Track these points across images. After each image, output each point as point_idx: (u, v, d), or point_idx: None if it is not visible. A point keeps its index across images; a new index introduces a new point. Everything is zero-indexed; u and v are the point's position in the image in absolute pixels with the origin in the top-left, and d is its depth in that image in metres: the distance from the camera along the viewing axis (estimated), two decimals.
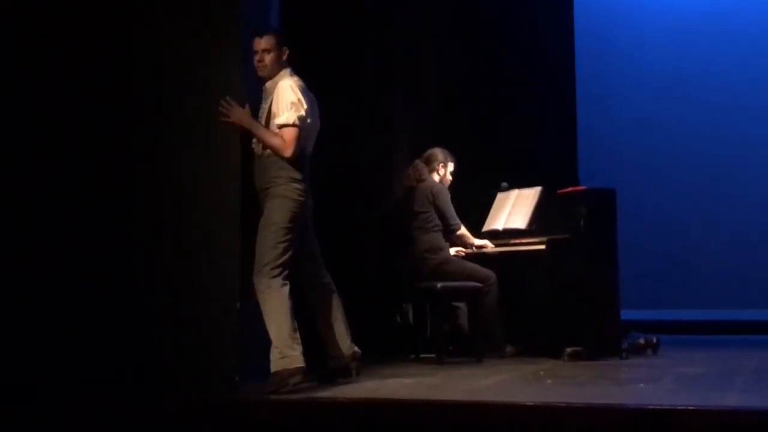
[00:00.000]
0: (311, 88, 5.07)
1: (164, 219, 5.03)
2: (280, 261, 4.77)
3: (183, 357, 4.90)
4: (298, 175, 4.85)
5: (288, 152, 4.82)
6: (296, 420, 4.26)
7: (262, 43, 4.96)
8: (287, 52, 4.99)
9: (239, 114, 4.87)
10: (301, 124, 4.84)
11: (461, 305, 6.59)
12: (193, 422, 4.35)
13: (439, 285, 6.15)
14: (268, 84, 4.98)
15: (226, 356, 4.89)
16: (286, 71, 4.98)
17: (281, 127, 4.84)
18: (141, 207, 5.07)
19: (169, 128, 5.08)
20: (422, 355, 6.35)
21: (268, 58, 4.96)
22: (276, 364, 4.69)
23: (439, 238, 6.50)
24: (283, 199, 4.82)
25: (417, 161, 6.71)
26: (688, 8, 9.58)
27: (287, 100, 4.84)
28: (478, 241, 6.63)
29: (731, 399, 4.31)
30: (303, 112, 4.84)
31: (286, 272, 4.80)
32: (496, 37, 8.29)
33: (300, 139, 4.86)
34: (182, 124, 5.07)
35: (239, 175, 4.93)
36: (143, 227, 5.06)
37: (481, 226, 6.86)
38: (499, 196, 7.00)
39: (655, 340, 6.58)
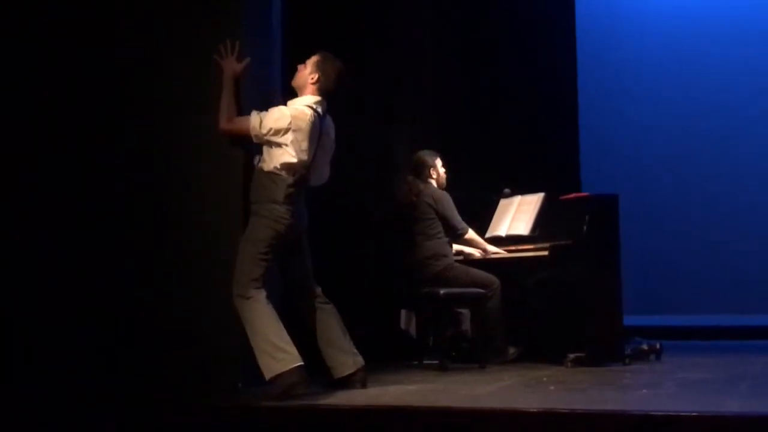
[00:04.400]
0: None
1: (167, 224, 5.05)
2: (259, 274, 4.76)
3: (185, 362, 4.92)
4: (279, 197, 4.80)
5: (221, 125, 4.86)
6: (298, 427, 4.26)
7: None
8: (316, 77, 4.97)
9: (230, 64, 4.91)
10: (252, 130, 4.81)
11: (464, 311, 6.58)
12: (195, 427, 4.34)
13: (441, 291, 6.14)
14: (289, 102, 4.99)
15: (229, 362, 4.90)
16: (307, 98, 4.95)
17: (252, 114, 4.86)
18: (144, 212, 5.09)
19: (172, 133, 5.10)
20: (425, 362, 6.35)
21: (300, 72, 5.03)
22: (270, 370, 4.63)
23: (442, 245, 6.49)
24: (261, 218, 4.81)
25: (409, 177, 6.67)
26: (691, 13, 9.58)
27: (273, 112, 4.85)
28: (490, 247, 6.61)
29: (734, 404, 4.30)
30: (259, 127, 4.80)
31: (265, 285, 4.78)
32: (497, 43, 8.31)
33: (236, 135, 4.87)
34: (186, 129, 5.09)
35: (242, 182, 4.95)
36: (146, 233, 5.07)
37: (484, 233, 6.86)
38: (502, 202, 7.00)
39: (658, 346, 6.58)
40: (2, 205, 5.11)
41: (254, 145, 4.95)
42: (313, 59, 5.02)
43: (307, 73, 5.01)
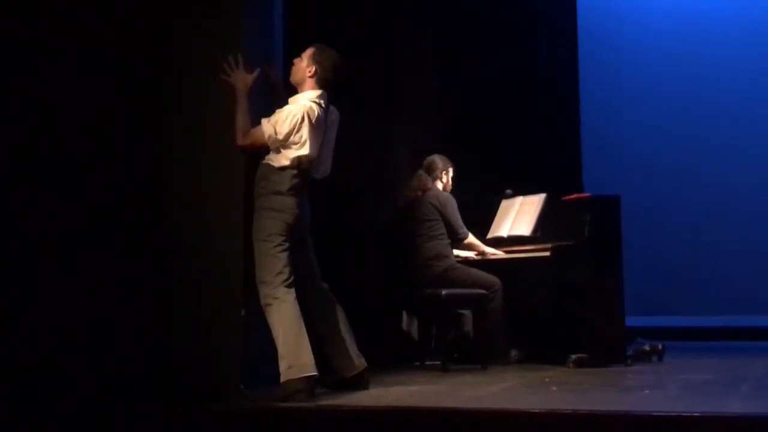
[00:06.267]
0: None
1: (169, 227, 5.04)
2: (282, 266, 4.76)
3: (188, 364, 4.89)
4: (283, 188, 4.82)
5: (238, 141, 4.83)
6: (300, 428, 4.26)
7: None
8: (314, 70, 4.97)
9: (240, 77, 4.88)
10: (269, 140, 4.81)
11: (466, 312, 6.58)
12: (197, 430, 4.34)
13: (443, 292, 6.14)
14: (291, 99, 5.00)
15: (231, 364, 4.89)
16: (310, 93, 4.96)
17: (262, 123, 4.86)
18: (145, 215, 5.07)
19: (173, 132, 5.09)
20: (427, 363, 6.35)
21: (297, 66, 5.03)
22: (284, 374, 4.67)
23: (444, 245, 6.49)
24: (266, 211, 4.82)
25: (420, 171, 6.70)
26: (693, 13, 9.57)
27: (283, 116, 4.84)
28: (488, 249, 6.63)
29: (737, 405, 4.30)
30: (276, 135, 4.80)
31: (291, 278, 4.79)
32: (499, 43, 8.30)
33: (255, 148, 4.86)
34: (187, 127, 5.08)
35: (243, 182, 4.94)
36: (147, 236, 5.06)
37: (486, 233, 6.86)
38: (504, 203, 6.99)
39: (660, 347, 6.57)
40: (2, 205, 5.10)
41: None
42: (308, 52, 5.03)
43: (304, 67, 5.01)
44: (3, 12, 5.18)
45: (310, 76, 4.99)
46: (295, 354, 4.68)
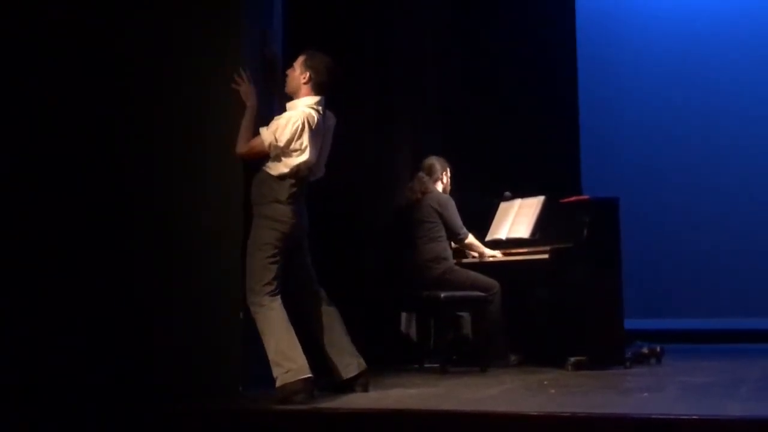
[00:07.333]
0: None
1: (168, 230, 5.04)
2: (271, 278, 4.77)
3: (187, 366, 4.91)
4: (283, 196, 4.83)
5: (237, 150, 4.89)
6: (299, 430, 4.26)
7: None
8: (307, 76, 4.96)
9: (248, 91, 4.94)
10: (269, 147, 4.82)
11: (465, 314, 6.58)
12: (197, 430, 4.34)
13: (442, 294, 6.14)
14: (288, 105, 5.00)
15: (230, 365, 4.90)
16: (307, 99, 4.95)
17: (259, 132, 4.88)
18: (146, 217, 5.08)
19: (173, 134, 5.10)
20: (426, 365, 6.34)
21: (290, 75, 5.02)
22: (281, 379, 4.66)
23: (443, 247, 6.50)
24: (266, 220, 4.82)
25: (421, 174, 6.70)
26: (692, 14, 9.55)
27: (283, 122, 4.84)
28: (489, 251, 6.62)
29: (735, 408, 4.30)
30: (276, 142, 4.79)
31: (278, 289, 4.79)
32: (497, 45, 8.30)
33: (255, 156, 4.88)
34: (187, 130, 5.08)
35: (243, 185, 4.94)
36: (148, 238, 5.06)
37: (484, 236, 6.86)
38: (502, 205, 6.99)
39: (658, 349, 6.57)
40: (2, 205, 5.10)
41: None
42: (300, 60, 5.03)
43: (298, 74, 5.01)
44: (3, 12, 5.18)
45: (304, 83, 4.98)
46: (289, 359, 4.67)
